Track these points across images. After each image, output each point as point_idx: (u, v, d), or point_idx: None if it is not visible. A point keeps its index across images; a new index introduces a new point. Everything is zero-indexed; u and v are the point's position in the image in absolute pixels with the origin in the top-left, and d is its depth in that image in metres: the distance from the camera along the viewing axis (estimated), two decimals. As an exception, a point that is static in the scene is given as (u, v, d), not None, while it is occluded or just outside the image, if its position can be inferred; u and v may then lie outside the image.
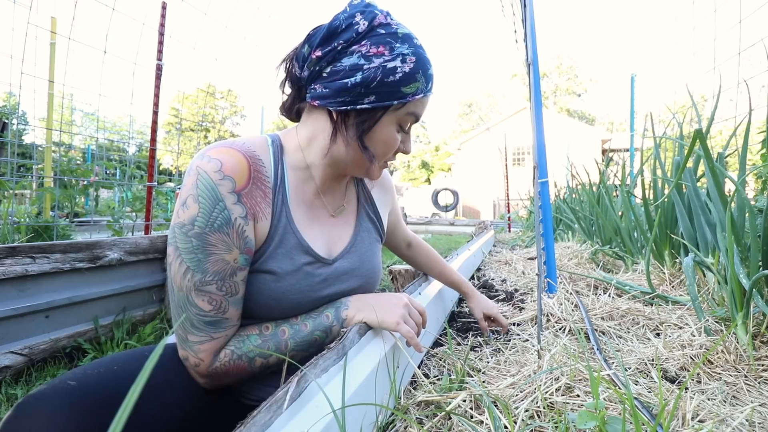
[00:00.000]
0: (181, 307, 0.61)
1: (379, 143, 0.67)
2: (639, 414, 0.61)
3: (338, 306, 0.72)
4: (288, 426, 0.45)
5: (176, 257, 0.60)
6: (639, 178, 1.76)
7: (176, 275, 0.60)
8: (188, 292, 0.60)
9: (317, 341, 0.68)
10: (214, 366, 0.63)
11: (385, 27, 0.63)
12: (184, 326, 0.62)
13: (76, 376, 0.52)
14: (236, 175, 0.61)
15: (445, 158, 29.99)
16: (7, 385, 1.34)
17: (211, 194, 0.59)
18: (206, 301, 0.61)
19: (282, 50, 0.71)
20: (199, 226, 0.59)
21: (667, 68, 44.06)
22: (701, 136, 1.01)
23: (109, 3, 2.25)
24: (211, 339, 0.62)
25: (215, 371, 0.63)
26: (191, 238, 0.59)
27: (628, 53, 59.00)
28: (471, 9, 63.68)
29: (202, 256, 0.59)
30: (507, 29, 2.58)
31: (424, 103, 0.69)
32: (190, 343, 0.62)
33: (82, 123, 16.46)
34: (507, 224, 5.83)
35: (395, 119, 0.66)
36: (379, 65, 0.61)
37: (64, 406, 0.47)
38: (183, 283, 0.60)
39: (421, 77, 0.64)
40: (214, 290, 0.61)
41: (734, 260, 0.92)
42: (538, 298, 0.90)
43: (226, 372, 0.64)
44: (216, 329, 0.62)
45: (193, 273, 0.59)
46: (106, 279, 1.72)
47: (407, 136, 0.72)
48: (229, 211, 0.60)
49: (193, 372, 0.64)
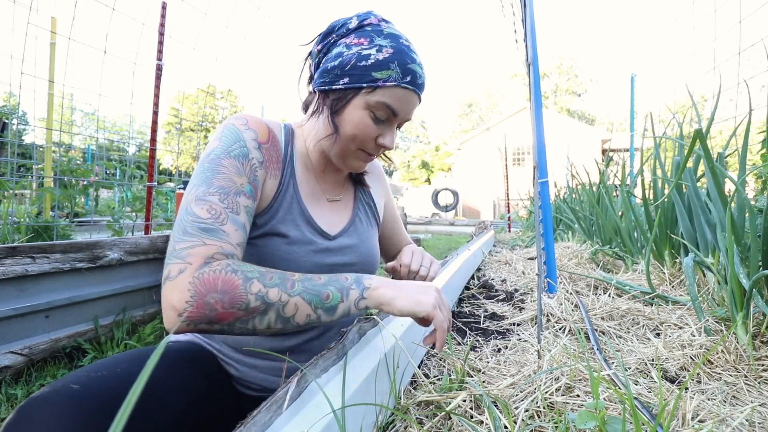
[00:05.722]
0: (178, 222, 0.57)
1: (348, 124, 0.69)
2: (639, 414, 0.61)
3: (360, 275, 0.64)
4: (288, 426, 0.44)
5: (188, 186, 0.61)
6: (639, 178, 1.75)
7: (184, 199, 0.59)
8: (187, 205, 0.57)
9: (329, 299, 0.58)
10: (201, 271, 0.52)
11: (373, 26, 0.69)
12: (173, 238, 0.56)
13: (79, 379, 0.50)
14: (259, 130, 0.68)
15: (445, 158, 30.00)
16: (7, 385, 1.34)
17: (233, 135, 0.65)
18: (205, 209, 0.57)
19: (282, 50, 0.74)
20: (216, 153, 0.63)
21: (667, 68, 44.07)
22: (701, 136, 1.01)
23: (109, 3, 2.25)
24: (203, 244, 0.55)
25: (201, 278, 0.52)
26: (204, 164, 0.62)
27: (628, 53, 59.02)
28: (471, 9, 63.70)
29: (210, 174, 0.61)
30: (507, 29, 2.58)
31: (400, 97, 0.68)
32: (177, 251, 0.54)
33: (82, 123, 16.47)
34: (507, 224, 5.83)
35: (365, 103, 0.68)
36: (356, 52, 0.67)
37: (66, 410, 0.45)
38: (185, 200, 0.58)
39: (396, 68, 0.67)
40: (215, 201, 0.58)
41: (734, 260, 0.92)
42: (538, 298, 0.90)
43: (213, 282, 0.52)
44: (209, 236, 0.55)
45: (197, 188, 0.59)
46: (106, 279, 1.72)
47: (388, 129, 0.71)
48: (247, 149, 0.65)
49: (171, 294, 0.51)
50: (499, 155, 9.53)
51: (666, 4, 48.83)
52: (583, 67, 41.33)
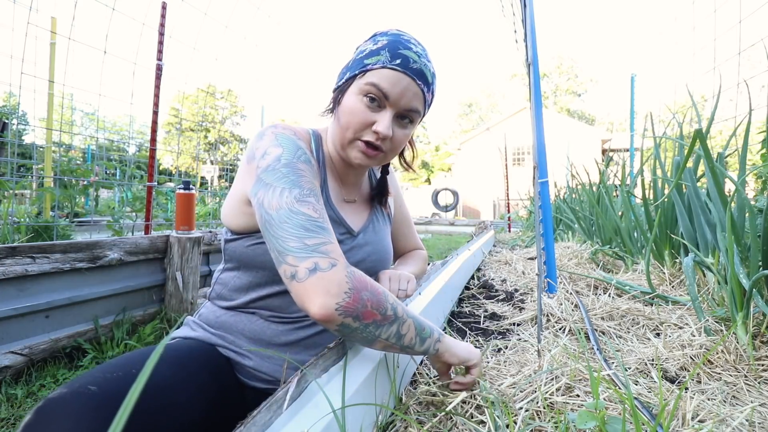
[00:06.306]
0: (285, 221, 0.57)
1: (345, 112, 0.71)
2: (639, 414, 0.61)
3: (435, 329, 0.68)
4: (288, 426, 0.44)
5: (267, 190, 0.61)
6: (639, 178, 1.76)
7: (272, 201, 0.59)
8: (290, 206, 0.58)
9: (424, 331, 0.63)
10: (352, 269, 0.56)
11: (383, 32, 0.73)
12: (296, 234, 0.55)
13: (95, 380, 0.50)
14: (304, 140, 0.73)
15: (445, 158, 30.01)
16: (7, 385, 1.34)
17: (293, 142, 0.68)
18: (311, 209, 0.59)
19: (282, 50, 0.75)
20: (286, 158, 0.65)
21: (667, 68, 44.06)
22: (701, 136, 1.01)
23: (109, 3, 2.25)
24: (331, 243, 0.57)
25: (354, 275, 0.55)
26: (280, 169, 0.63)
27: (628, 53, 59.00)
28: (471, 9, 63.70)
29: (294, 177, 0.62)
30: (507, 29, 2.58)
31: (387, 77, 0.68)
32: (313, 246, 0.55)
33: (82, 123, 16.47)
34: (507, 224, 5.83)
35: (357, 89, 0.70)
36: (359, 50, 0.73)
37: (85, 412, 0.46)
38: (281, 202, 0.58)
39: (386, 53, 0.69)
40: (314, 202, 0.60)
41: (734, 260, 0.92)
42: (538, 298, 0.90)
43: (364, 281, 0.56)
44: (331, 236, 0.58)
45: (290, 190, 0.60)
46: (106, 279, 1.72)
47: (382, 115, 0.70)
48: (308, 156, 0.68)
49: (327, 284, 0.52)
50: (499, 155, 9.53)
51: (666, 4, 48.84)
52: (583, 67, 41.35)
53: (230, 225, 0.75)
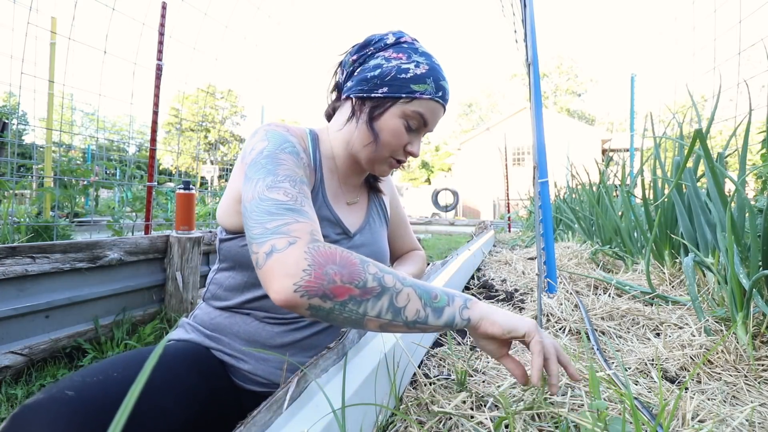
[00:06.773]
0: (254, 210, 0.55)
1: (385, 131, 0.73)
2: (639, 414, 0.61)
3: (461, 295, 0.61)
4: (288, 426, 0.45)
5: (247, 183, 0.60)
6: (639, 178, 1.76)
7: (247, 194, 0.58)
8: (260, 194, 0.57)
9: (437, 299, 0.55)
10: (315, 244, 0.51)
11: (408, 44, 0.75)
12: (260, 220, 0.54)
13: (74, 384, 0.49)
14: (298, 139, 0.73)
15: (445, 158, 30.02)
16: (7, 385, 1.34)
17: (281, 136, 0.68)
18: (281, 193, 0.57)
19: (282, 50, 0.75)
20: (269, 150, 0.64)
21: (667, 68, 44.06)
22: (701, 136, 1.01)
23: (109, 3, 2.25)
24: (297, 221, 0.53)
25: (317, 249, 0.50)
26: (260, 161, 0.62)
27: (628, 53, 59.01)
28: (471, 9, 63.72)
29: (271, 167, 0.61)
30: (507, 29, 2.58)
31: (432, 109, 0.73)
32: (273, 229, 0.52)
33: (82, 123, 16.46)
34: (507, 224, 5.83)
35: (401, 112, 0.72)
36: (396, 65, 0.72)
37: (60, 418, 0.45)
38: (254, 192, 0.57)
39: (432, 82, 0.72)
40: (287, 186, 0.59)
41: (734, 260, 0.92)
42: (538, 298, 0.90)
43: (331, 254, 0.50)
44: (298, 215, 0.55)
45: (264, 179, 0.59)
46: (106, 279, 1.72)
47: (416, 138, 0.77)
48: (297, 149, 0.68)
49: (283, 263, 0.48)
50: (499, 155, 9.54)
51: (666, 4, 48.84)
52: (583, 67, 41.38)
53: (225, 224, 0.75)
